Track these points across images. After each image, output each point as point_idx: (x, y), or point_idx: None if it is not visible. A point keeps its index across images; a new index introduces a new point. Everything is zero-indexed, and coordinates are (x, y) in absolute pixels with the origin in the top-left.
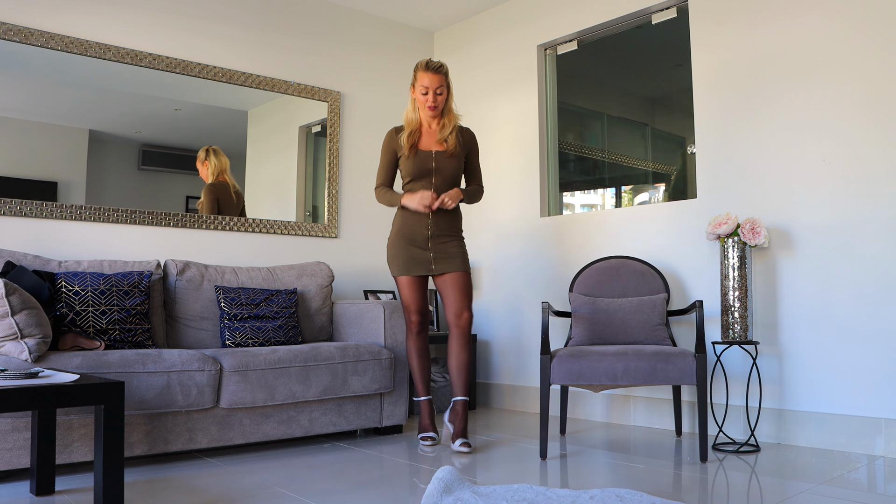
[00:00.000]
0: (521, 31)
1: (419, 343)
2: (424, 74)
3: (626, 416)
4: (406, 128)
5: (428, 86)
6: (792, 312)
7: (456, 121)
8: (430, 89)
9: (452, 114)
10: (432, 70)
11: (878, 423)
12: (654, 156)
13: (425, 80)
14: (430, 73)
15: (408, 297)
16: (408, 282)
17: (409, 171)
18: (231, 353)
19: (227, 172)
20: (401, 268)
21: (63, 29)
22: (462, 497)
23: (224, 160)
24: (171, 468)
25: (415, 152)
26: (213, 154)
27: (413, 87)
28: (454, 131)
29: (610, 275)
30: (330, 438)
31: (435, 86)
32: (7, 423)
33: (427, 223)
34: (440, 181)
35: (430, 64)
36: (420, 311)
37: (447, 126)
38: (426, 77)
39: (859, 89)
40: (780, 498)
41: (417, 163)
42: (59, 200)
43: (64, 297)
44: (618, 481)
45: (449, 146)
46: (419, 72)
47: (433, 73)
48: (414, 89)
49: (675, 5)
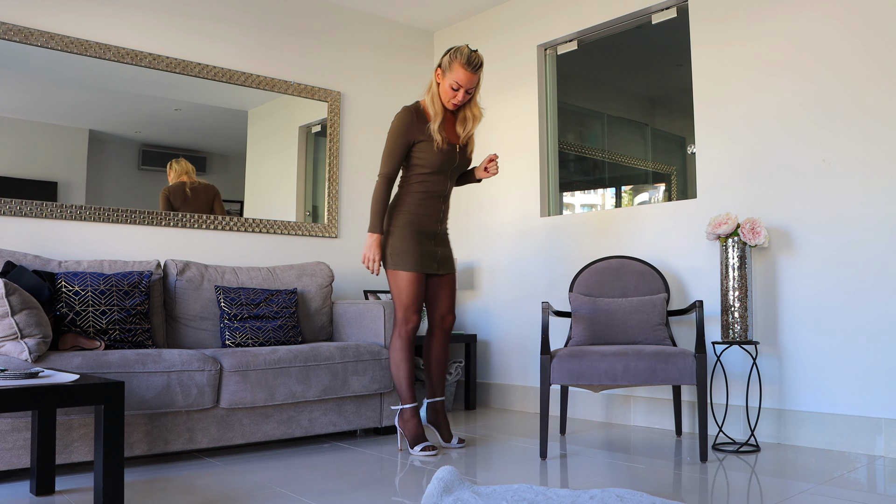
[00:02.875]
0: (520, 31)
1: (411, 346)
2: (462, 71)
3: (626, 416)
4: (436, 116)
5: (462, 84)
6: (792, 312)
7: (481, 115)
8: (464, 88)
9: (478, 107)
10: (473, 68)
11: (878, 423)
12: (654, 156)
13: (461, 77)
14: (470, 72)
15: (414, 295)
16: (418, 279)
17: (433, 163)
18: (231, 353)
19: (189, 174)
20: (414, 263)
21: (63, 29)
22: (462, 497)
23: (185, 165)
24: (171, 468)
25: (446, 144)
26: (175, 162)
27: (441, 70)
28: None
29: (610, 275)
30: (330, 438)
31: (470, 85)
32: (7, 423)
33: (439, 216)
34: (453, 175)
35: (472, 59)
36: (420, 310)
37: (470, 120)
38: (464, 75)
39: (860, 89)
40: (780, 498)
41: (444, 156)
42: (59, 200)
43: (64, 297)
44: (618, 481)
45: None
46: (457, 64)
47: (473, 72)
48: (443, 74)
49: (675, 5)
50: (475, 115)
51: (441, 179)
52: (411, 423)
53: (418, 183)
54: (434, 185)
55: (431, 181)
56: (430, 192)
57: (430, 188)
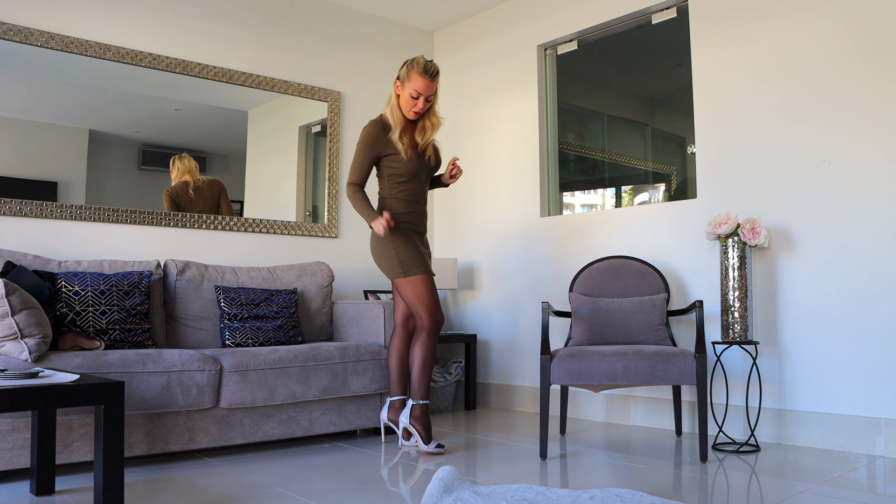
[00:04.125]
0: (521, 31)
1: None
2: (420, 79)
3: (626, 416)
4: (395, 126)
5: (421, 92)
6: (792, 312)
7: (439, 124)
8: (423, 96)
9: (436, 116)
10: (429, 76)
11: (878, 423)
12: (654, 156)
13: (420, 85)
14: (426, 80)
15: (435, 293)
16: (432, 279)
17: (409, 170)
18: (231, 353)
19: (192, 172)
20: (423, 264)
21: (63, 29)
22: (462, 497)
23: (189, 162)
24: (171, 468)
25: (413, 152)
26: (178, 159)
27: (400, 81)
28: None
29: (610, 275)
30: (330, 438)
31: (429, 93)
32: (7, 423)
33: (423, 220)
34: (427, 180)
35: (429, 68)
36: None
37: (428, 128)
38: (422, 82)
39: (859, 89)
40: (780, 498)
41: (418, 163)
42: (59, 200)
43: (64, 297)
44: (618, 481)
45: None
46: (415, 73)
47: (430, 79)
48: (401, 85)
49: (675, 5)
50: (433, 124)
51: (418, 185)
52: (425, 419)
53: (401, 191)
54: (414, 192)
55: (410, 188)
56: (411, 198)
57: (412, 195)
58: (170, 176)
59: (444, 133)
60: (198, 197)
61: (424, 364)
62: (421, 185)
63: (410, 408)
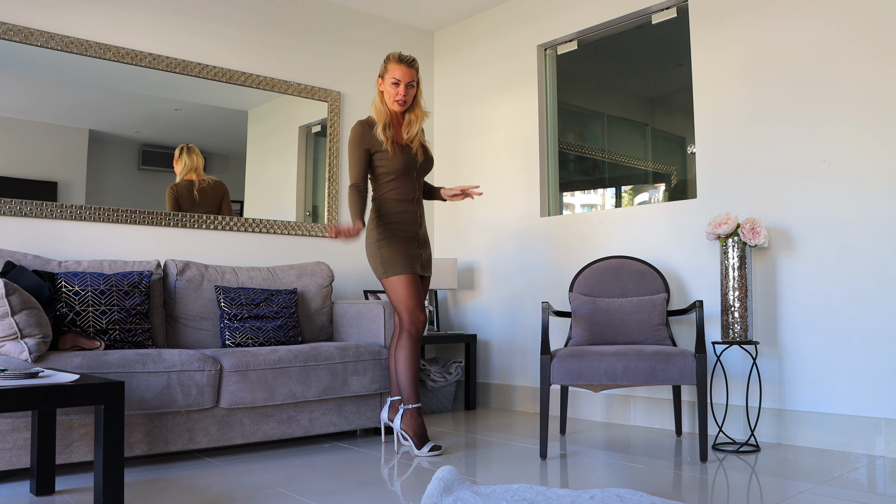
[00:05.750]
0: (521, 31)
1: (419, 346)
2: (397, 66)
3: (626, 416)
4: (378, 120)
5: (400, 78)
6: (792, 312)
7: (425, 117)
8: (402, 82)
9: (421, 109)
10: (405, 63)
11: (878, 423)
12: (654, 156)
13: (397, 73)
14: (403, 66)
15: (416, 294)
16: (414, 279)
17: (396, 166)
18: (231, 353)
19: (198, 170)
20: (405, 265)
21: (63, 29)
22: (462, 497)
23: (196, 159)
24: (171, 468)
25: (398, 147)
26: (187, 153)
27: (381, 78)
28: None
29: (610, 275)
30: (330, 438)
31: (407, 79)
32: (7, 423)
33: (416, 219)
34: (419, 178)
35: (403, 57)
36: (425, 308)
37: (413, 122)
38: (398, 69)
39: (859, 89)
40: (780, 498)
41: (404, 158)
42: (59, 200)
43: (64, 297)
44: (618, 481)
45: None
46: (391, 63)
47: (406, 66)
48: (383, 81)
49: (675, 5)
50: (418, 116)
51: (409, 182)
52: (415, 424)
53: (390, 190)
54: (404, 190)
55: (400, 186)
56: (402, 197)
57: (402, 194)
58: (174, 169)
59: (444, 133)
60: (202, 198)
61: (408, 366)
62: (411, 183)
63: (401, 414)
